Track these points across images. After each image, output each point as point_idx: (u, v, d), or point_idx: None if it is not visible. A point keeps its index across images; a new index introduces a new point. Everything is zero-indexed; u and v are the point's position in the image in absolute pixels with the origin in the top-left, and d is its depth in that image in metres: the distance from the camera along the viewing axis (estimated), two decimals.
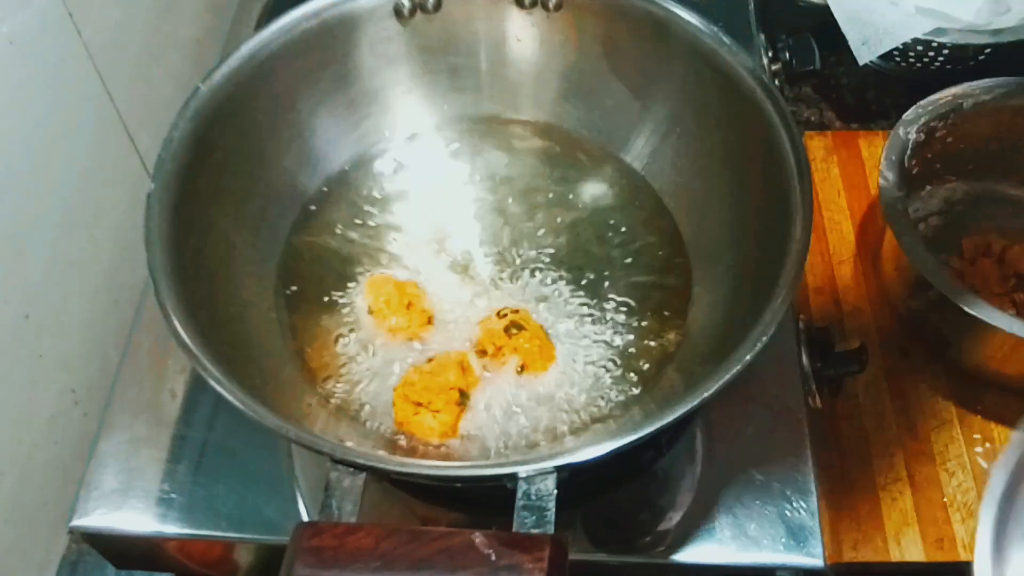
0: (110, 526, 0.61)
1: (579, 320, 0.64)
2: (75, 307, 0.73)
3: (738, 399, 0.65)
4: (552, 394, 0.60)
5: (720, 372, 0.50)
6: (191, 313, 0.54)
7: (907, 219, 0.74)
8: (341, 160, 0.71)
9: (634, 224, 0.68)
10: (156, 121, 0.80)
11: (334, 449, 0.49)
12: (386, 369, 0.61)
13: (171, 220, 0.57)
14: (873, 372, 0.77)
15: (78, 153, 0.71)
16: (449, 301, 0.64)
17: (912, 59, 0.92)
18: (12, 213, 0.64)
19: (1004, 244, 0.81)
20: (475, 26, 0.71)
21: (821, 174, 0.90)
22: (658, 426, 0.48)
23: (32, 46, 0.64)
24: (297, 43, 0.66)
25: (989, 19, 0.89)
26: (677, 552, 0.59)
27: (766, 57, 0.83)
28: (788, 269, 0.53)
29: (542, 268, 0.66)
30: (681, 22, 0.65)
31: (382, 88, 0.72)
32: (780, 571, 0.59)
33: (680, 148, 0.68)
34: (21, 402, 0.67)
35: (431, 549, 0.44)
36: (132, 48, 0.78)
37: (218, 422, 0.65)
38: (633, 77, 0.69)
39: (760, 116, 0.60)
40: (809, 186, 0.56)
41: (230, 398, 0.50)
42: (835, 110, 0.98)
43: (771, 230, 0.58)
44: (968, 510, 0.71)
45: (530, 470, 0.47)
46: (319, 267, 0.66)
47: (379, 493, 0.62)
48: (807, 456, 0.62)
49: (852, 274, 0.84)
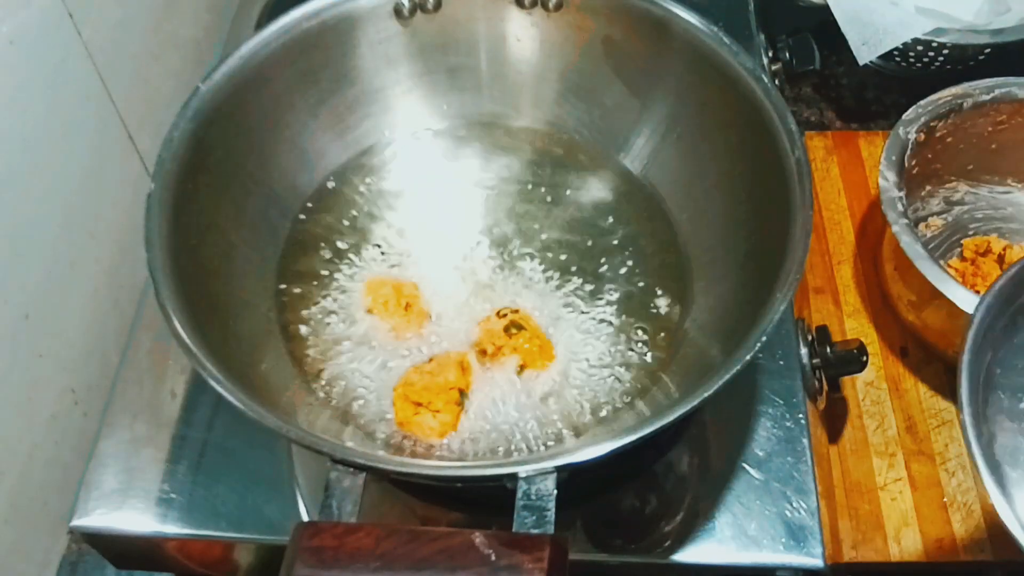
0: (110, 526, 0.61)
1: (579, 320, 0.64)
2: (75, 307, 0.73)
3: (738, 399, 0.65)
4: (551, 394, 0.60)
5: (720, 372, 0.50)
6: (191, 313, 0.54)
7: (907, 219, 0.74)
8: (341, 160, 0.71)
9: (634, 224, 0.68)
10: (156, 121, 0.80)
11: (334, 449, 0.49)
12: (386, 369, 0.61)
13: (171, 220, 0.57)
14: (873, 372, 0.77)
15: (78, 153, 0.71)
16: (448, 301, 0.64)
17: (912, 59, 0.92)
18: (12, 213, 0.64)
19: (1004, 244, 0.81)
20: (475, 26, 0.71)
21: (821, 174, 0.90)
22: (658, 426, 0.48)
23: (32, 46, 0.64)
24: (297, 43, 0.66)
25: (989, 19, 0.89)
26: (677, 552, 0.59)
27: (766, 57, 0.83)
28: (788, 269, 0.53)
29: (542, 268, 0.66)
30: (681, 22, 0.65)
31: (382, 88, 0.72)
32: (780, 571, 0.59)
33: (680, 148, 0.68)
34: (21, 402, 0.67)
35: (431, 549, 0.44)
36: (132, 48, 0.78)
37: (218, 422, 0.65)
38: (633, 77, 0.69)
39: (760, 116, 0.60)
40: (809, 186, 0.56)
41: (230, 398, 0.50)
42: (835, 110, 0.98)
43: (771, 230, 0.58)
44: (968, 510, 0.71)
45: (530, 470, 0.47)
46: (318, 267, 0.66)
47: (379, 493, 0.62)
48: (807, 456, 0.62)
49: (852, 274, 0.84)
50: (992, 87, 0.80)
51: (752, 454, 0.63)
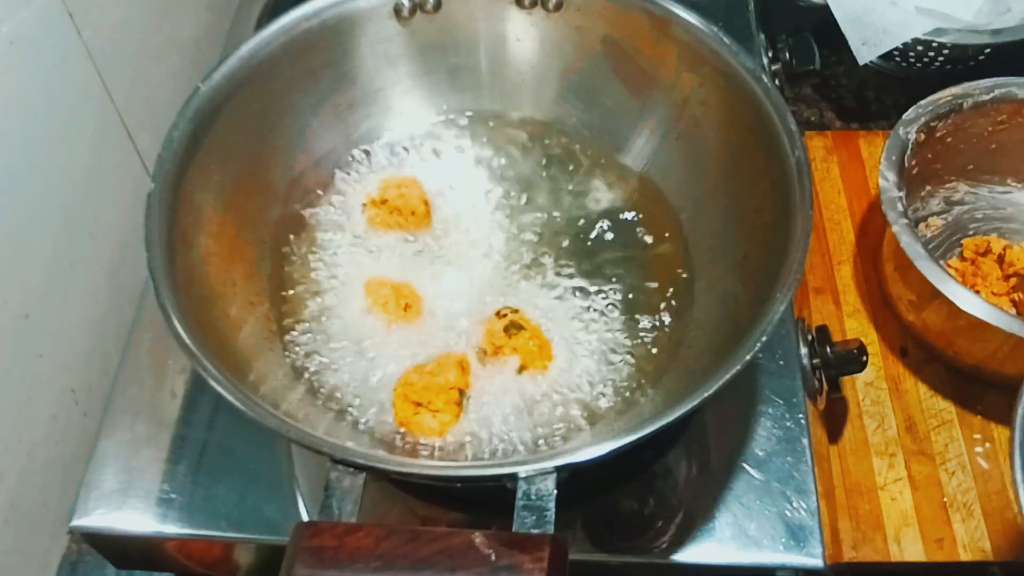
0: (110, 526, 0.61)
1: (579, 319, 0.64)
2: (75, 307, 0.73)
3: (738, 399, 0.65)
4: (551, 393, 0.60)
5: (720, 372, 0.50)
6: (191, 313, 0.54)
7: (907, 219, 0.74)
8: (341, 160, 0.71)
9: (634, 224, 0.68)
10: (156, 121, 0.80)
11: (334, 449, 0.49)
12: (385, 369, 0.61)
13: (171, 220, 0.57)
14: (873, 372, 0.77)
15: (78, 153, 0.71)
16: (448, 301, 0.64)
17: (912, 59, 0.92)
18: (12, 213, 0.64)
19: (1004, 244, 0.81)
20: (475, 26, 0.71)
21: (821, 174, 0.90)
22: (658, 426, 0.48)
23: (32, 46, 0.64)
24: (297, 43, 0.66)
25: (989, 19, 0.89)
26: (677, 552, 0.59)
27: (766, 57, 0.83)
28: (788, 269, 0.53)
29: (542, 268, 0.66)
30: (681, 22, 0.65)
31: (382, 88, 0.72)
32: (780, 571, 0.59)
33: (680, 148, 0.68)
34: (21, 402, 0.67)
35: (431, 549, 0.44)
36: (132, 48, 0.78)
37: (218, 422, 0.65)
38: (633, 77, 0.69)
39: (760, 116, 0.60)
40: (809, 186, 0.56)
41: (230, 398, 0.50)
42: (835, 110, 0.98)
43: (771, 230, 0.58)
44: (968, 510, 0.71)
45: (530, 470, 0.47)
46: (317, 268, 0.66)
47: (379, 493, 0.62)
48: (807, 456, 0.62)
49: (852, 274, 0.84)
50: (992, 87, 0.80)
51: (752, 454, 0.63)
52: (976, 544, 0.69)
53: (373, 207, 0.68)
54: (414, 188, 0.68)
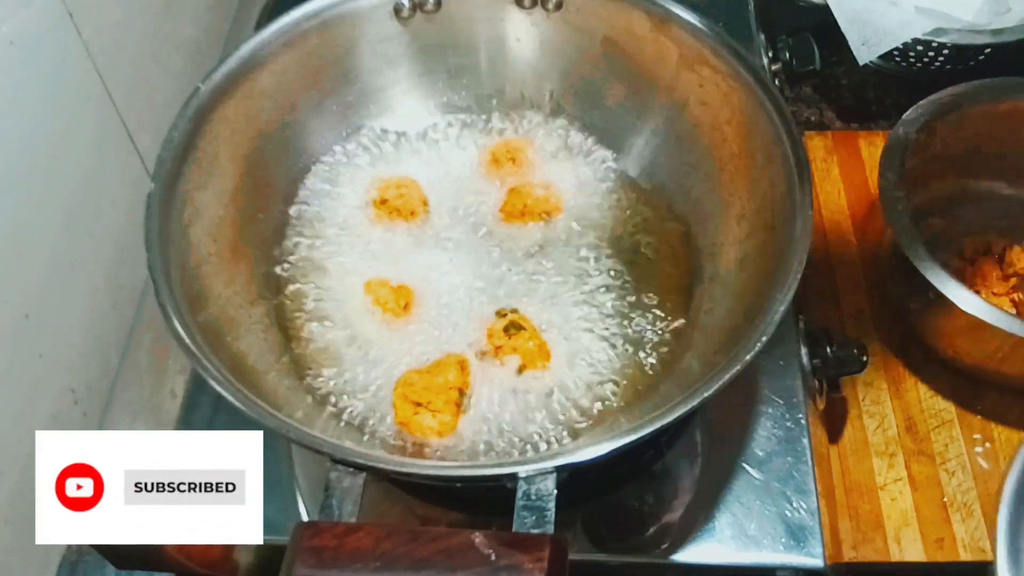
0: None
1: (578, 319, 0.63)
2: (75, 307, 0.73)
3: (738, 399, 0.65)
4: (551, 393, 0.60)
5: (720, 372, 0.50)
6: (191, 313, 0.54)
7: (907, 219, 0.74)
8: (340, 160, 0.71)
9: (634, 224, 0.68)
10: (156, 121, 0.80)
11: (334, 449, 0.49)
12: (385, 369, 0.61)
13: (171, 220, 0.57)
14: (873, 372, 0.77)
15: (78, 153, 0.71)
16: (447, 301, 0.64)
17: (912, 59, 0.92)
18: (12, 213, 0.64)
19: (1004, 244, 0.81)
20: (475, 26, 0.71)
21: (821, 174, 0.90)
22: (658, 426, 0.48)
23: (32, 46, 0.64)
24: (297, 43, 0.66)
25: (989, 19, 0.89)
26: (677, 552, 0.59)
27: (766, 57, 0.83)
28: (788, 269, 0.53)
29: (541, 268, 0.66)
30: (681, 22, 0.65)
31: (382, 88, 0.72)
32: (780, 571, 0.59)
33: (680, 148, 0.68)
34: (21, 402, 0.67)
35: (431, 549, 0.44)
36: (132, 48, 0.78)
37: (218, 422, 0.65)
38: (633, 77, 0.69)
39: (760, 116, 0.60)
40: (809, 186, 0.56)
41: (230, 398, 0.50)
42: (835, 110, 0.98)
43: (771, 230, 0.58)
44: (968, 510, 0.71)
45: (530, 470, 0.47)
46: (317, 268, 0.66)
47: (379, 493, 0.62)
48: (807, 456, 0.62)
49: (852, 274, 0.84)
50: (992, 87, 0.80)
51: (752, 454, 0.63)
52: (976, 544, 0.69)
53: (373, 207, 0.68)
54: (414, 188, 0.68)
